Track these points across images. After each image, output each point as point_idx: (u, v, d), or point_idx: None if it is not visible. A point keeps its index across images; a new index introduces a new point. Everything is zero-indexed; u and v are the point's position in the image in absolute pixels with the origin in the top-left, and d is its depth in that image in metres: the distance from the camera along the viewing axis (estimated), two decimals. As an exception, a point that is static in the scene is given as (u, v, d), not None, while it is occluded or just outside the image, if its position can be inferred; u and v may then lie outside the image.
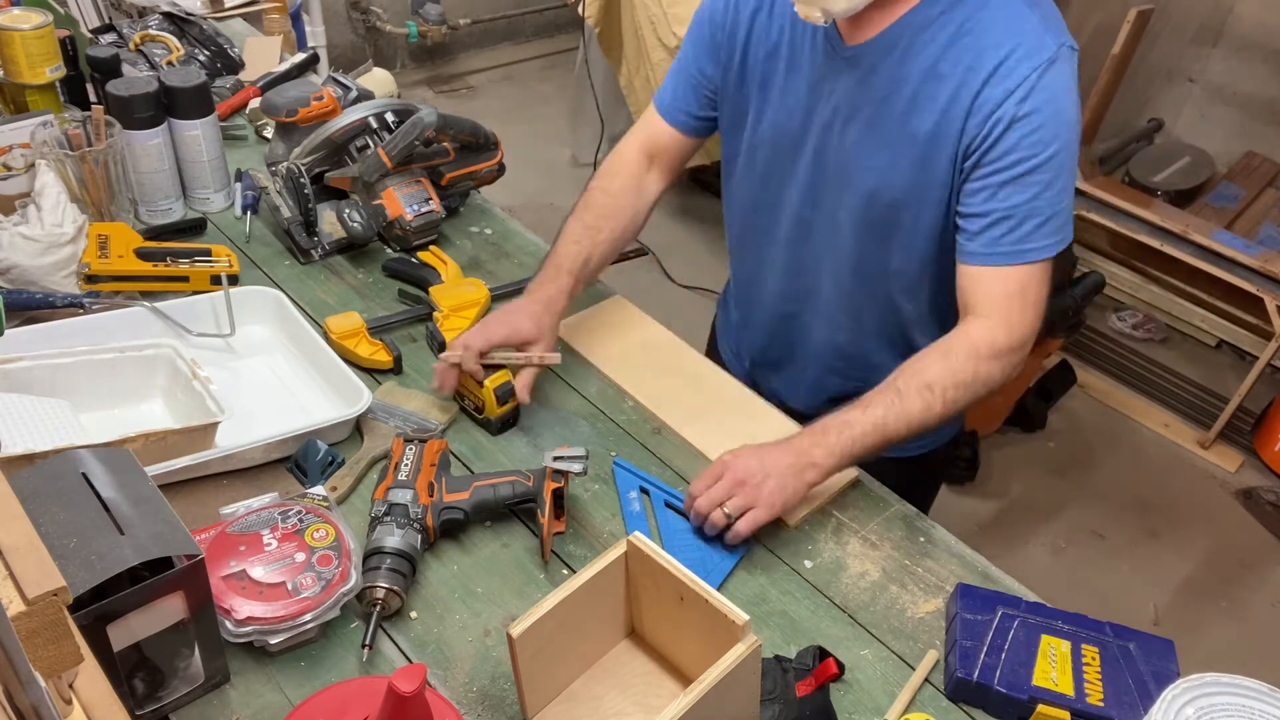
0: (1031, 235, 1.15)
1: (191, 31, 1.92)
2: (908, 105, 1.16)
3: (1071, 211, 1.18)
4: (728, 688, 0.87)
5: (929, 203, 1.20)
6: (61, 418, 1.13)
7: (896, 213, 1.23)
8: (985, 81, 1.11)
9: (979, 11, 1.13)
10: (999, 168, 1.13)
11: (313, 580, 0.98)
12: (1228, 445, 2.91)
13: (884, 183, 1.21)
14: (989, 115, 1.12)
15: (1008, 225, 1.14)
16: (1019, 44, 1.11)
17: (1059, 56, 1.11)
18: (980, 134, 1.13)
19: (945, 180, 1.18)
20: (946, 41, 1.14)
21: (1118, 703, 0.98)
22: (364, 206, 1.52)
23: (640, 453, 1.29)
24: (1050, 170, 1.12)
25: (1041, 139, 1.11)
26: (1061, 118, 1.11)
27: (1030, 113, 1.10)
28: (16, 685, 0.55)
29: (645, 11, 3.08)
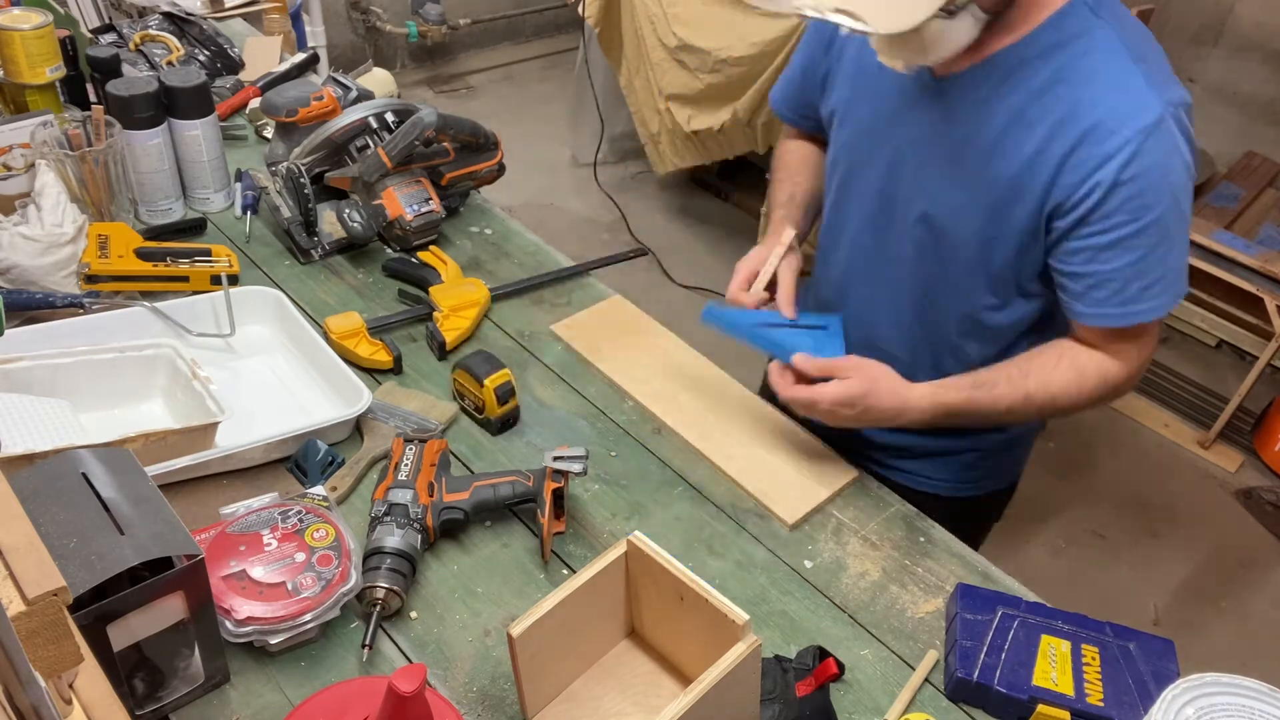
0: (1137, 297, 1.10)
1: (191, 31, 1.92)
2: (990, 148, 1.11)
3: (1184, 268, 1.12)
4: (728, 688, 0.87)
5: (1001, 248, 1.16)
6: (61, 418, 1.13)
7: (966, 254, 1.18)
8: (1080, 140, 1.06)
9: (1079, 59, 1.06)
10: (1099, 230, 1.08)
11: (313, 580, 0.98)
12: (1228, 445, 2.91)
13: (956, 222, 1.17)
14: (1086, 177, 1.06)
15: (1111, 288, 1.10)
16: (1120, 104, 1.04)
17: (1165, 117, 1.04)
18: (1076, 195, 1.07)
19: (1025, 229, 1.13)
20: (1039, 88, 1.08)
21: (1118, 703, 0.98)
22: (364, 206, 1.52)
23: (640, 452, 1.29)
24: (1154, 234, 1.07)
25: (1144, 204, 1.06)
26: (1166, 181, 1.05)
27: (1132, 178, 1.04)
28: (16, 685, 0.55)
29: (645, 11, 3.08)
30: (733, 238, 3.53)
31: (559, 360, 1.42)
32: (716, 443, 1.30)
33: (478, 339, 1.44)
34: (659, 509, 1.21)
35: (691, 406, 1.35)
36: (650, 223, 3.59)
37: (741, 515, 1.22)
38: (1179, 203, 1.08)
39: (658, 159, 3.33)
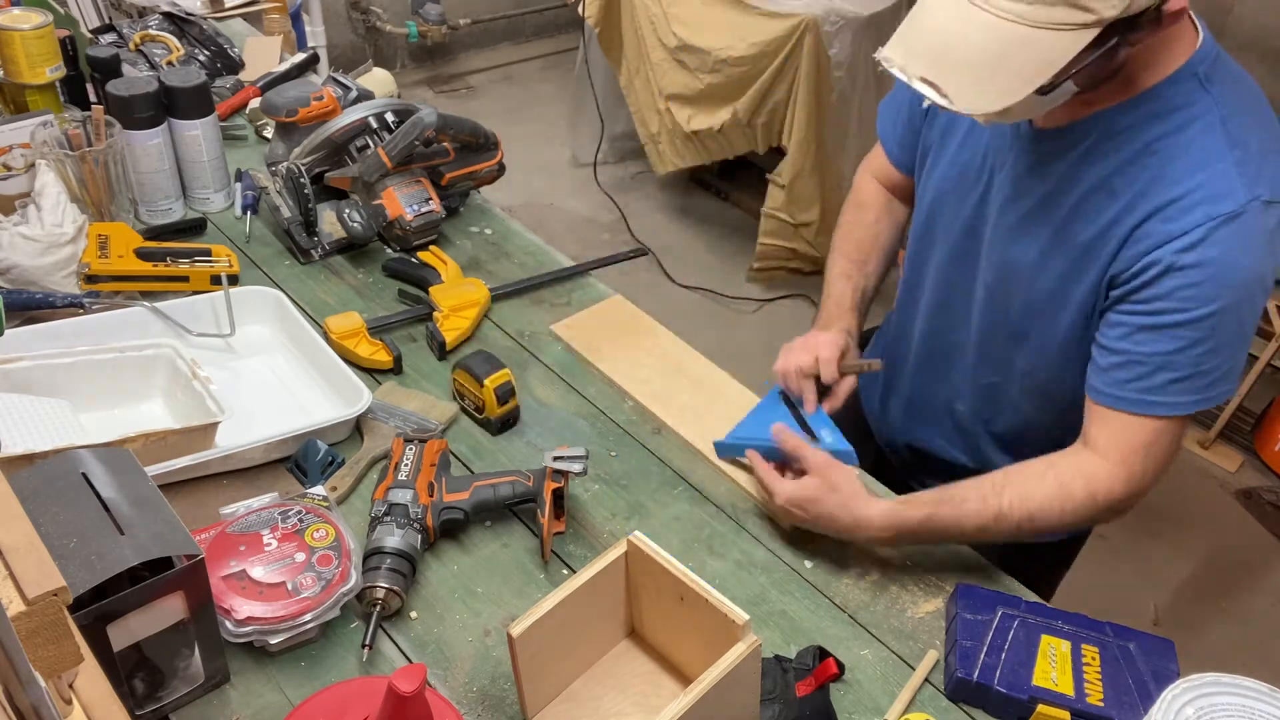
0: (1163, 389, 1.03)
1: (191, 31, 1.92)
2: (1073, 210, 1.07)
3: (1229, 374, 1.03)
4: (728, 688, 0.87)
5: (1068, 310, 1.11)
6: (61, 418, 1.13)
7: (1034, 310, 1.15)
8: (1151, 214, 1.00)
9: (1174, 134, 1.00)
10: (1142, 310, 1.02)
11: (313, 580, 0.98)
12: (1228, 445, 2.91)
13: (1028, 277, 1.13)
14: (1145, 252, 1.00)
15: (1137, 370, 1.04)
16: (1202, 185, 0.98)
17: (1247, 210, 0.97)
18: (1131, 269, 1.02)
19: (1087, 297, 1.09)
20: (1130, 156, 1.03)
21: (1118, 703, 0.98)
22: (364, 206, 1.52)
23: (640, 453, 1.29)
24: (1202, 329, 1.00)
25: (1198, 295, 0.99)
26: (1229, 278, 0.98)
27: (1192, 265, 0.98)
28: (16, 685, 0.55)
29: (645, 11, 3.09)
30: (732, 237, 3.53)
31: (559, 360, 1.42)
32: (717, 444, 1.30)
33: (478, 339, 1.44)
34: (659, 509, 1.21)
35: (691, 406, 1.35)
36: (650, 223, 3.59)
37: (741, 515, 1.22)
38: (1240, 307, 1.00)
39: (658, 159, 3.33)
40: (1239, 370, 1.05)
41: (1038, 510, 1.09)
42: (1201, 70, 1.01)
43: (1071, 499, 1.09)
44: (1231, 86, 1.02)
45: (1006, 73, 0.90)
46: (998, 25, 0.89)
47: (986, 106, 0.91)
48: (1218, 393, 1.04)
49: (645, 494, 1.23)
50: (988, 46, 0.90)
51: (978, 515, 1.10)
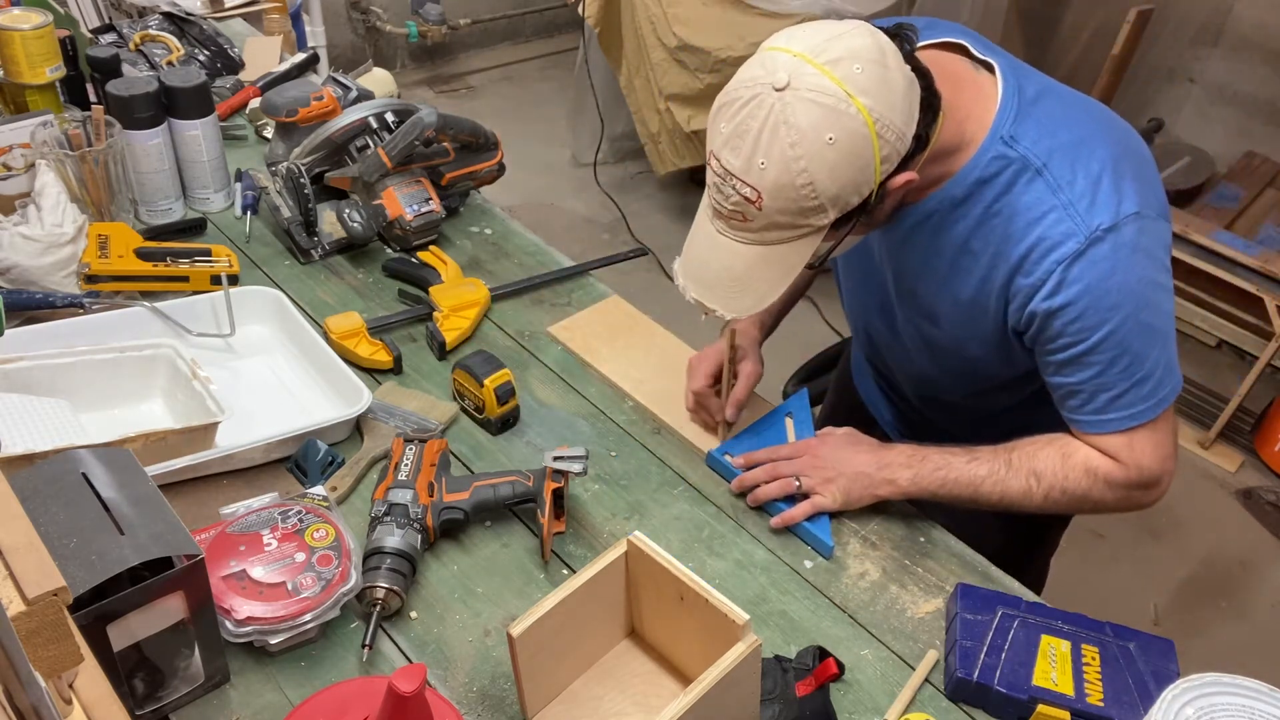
0: (1109, 407, 1.09)
1: (191, 31, 1.92)
2: (946, 274, 1.14)
3: (1163, 375, 1.08)
4: (728, 688, 0.87)
5: (985, 353, 1.18)
6: (61, 418, 1.13)
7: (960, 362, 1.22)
8: (1012, 272, 1.07)
9: (1004, 194, 1.07)
10: (1051, 350, 1.09)
11: (313, 580, 0.98)
12: (1228, 445, 2.91)
13: (939, 334, 1.20)
14: (1022, 307, 1.08)
15: (1081, 398, 1.10)
16: (1041, 237, 1.04)
17: (1092, 240, 1.02)
18: (1022, 322, 1.09)
19: (997, 341, 1.15)
20: (976, 220, 1.09)
21: (1118, 703, 0.98)
22: (364, 206, 1.52)
23: (640, 453, 1.29)
24: (1107, 350, 1.06)
25: (1084, 326, 1.05)
26: (1104, 303, 1.04)
27: (1064, 305, 1.04)
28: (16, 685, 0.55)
29: (645, 11, 3.09)
30: (733, 238, 3.52)
31: (559, 360, 1.42)
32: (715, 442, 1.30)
33: (478, 339, 1.44)
34: (659, 509, 1.21)
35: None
36: (650, 223, 3.59)
37: (741, 515, 1.22)
38: (1136, 316, 1.05)
39: (658, 159, 3.33)
40: (1174, 361, 1.10)
41: (1044, 473, 1.14)
42: (1005, 132, 1.06)
43: (1072, 463, 1.14)
44: (1042, 123, 1.06)
45: (757, 282, 1.05)
46: (739, 250, 1.03)
47: (746, 311, 1.06)
48: (1166, 392, 1.10)
49: (645, 494, 1.23)
50: (734, 267, 1.04)
51: (989, 462, 1.16)
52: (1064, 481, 1.14)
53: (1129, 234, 1.03)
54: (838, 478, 1.19)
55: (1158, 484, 1.14)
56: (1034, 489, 1.14)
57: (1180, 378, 1.11)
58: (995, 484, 1.15)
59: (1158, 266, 1.06)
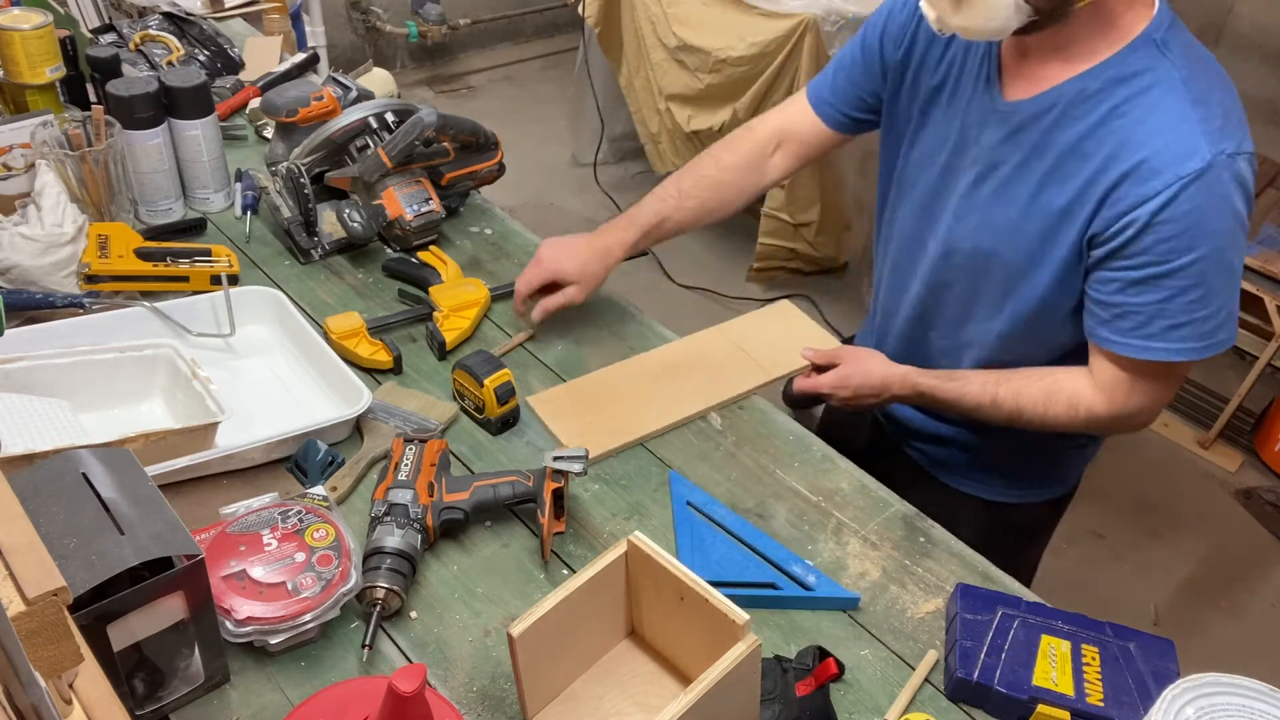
0: (1161, 335, 1.11)
1: (191, 31, 1.92)
2: (1045, 176, 1.14)
3: (1223, 321, 1.11)
4: (728, 688, 0.87)
5: (1042, 275, 1.18)
6: (61, 418, 1.13)
7: (1011, 272, 1.20)
8: (1124, 176, 1.07)
9: (1139, 95, 1.07)
10: (1130, 266, 1.09)
11: (313, 580, 0.98)
12: (1228, 445, 2.91)
13: (1002, 244, 1.19)
14: (1123, 214, 1.07)
15: (1135, 320, 1.12)
16: (1167, 146, 1.04)
17: (1213, 165, 1.03)
18: (1113, 229, 1.09)
19: (1066, 257, 1.15)
20: (1098, 120, 1.09)
21: (1118, 703, 0.98)
22: (364, 206, 1.52)
23: (640, 453, 1.29)
24: (1186, 278, 1.07)
25: (1176, 247, 1.06)
26: (1204, 229, 1.05)
27: (1167, 221, 1.05)
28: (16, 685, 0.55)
29: (645, 11, 3.09)
30: (732, 237, 3.53)
31: (559, 360, 1.42)
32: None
33: (478, 339, 1.44)
34: (659, 509, 1.21)
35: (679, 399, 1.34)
36: (650, 223, 3.59)
37: (741, 514, 1.22)
38: (1223, 253, 1.07)
39: (658, 159, 3.33)
40: (1235, 315, 1.13)
41: (1028, 406, 1.22)
42: (1159, 36, 1.08)
43: (1055, 404, 1.21)
44: (1187, 49, 1.09)
45: None
46: None
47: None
48: (1220, 339, 1.12)
49: (645, 494, 1.23)
50: None
51: (977, 396, 1.25)
52: (1042, 416, 1.22)
53: (1245, 170, 1.05)
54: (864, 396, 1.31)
55: (1126, 423, 1.21)
56: (1014, 421, 1.24)
57: (1235, 333, 1.13)
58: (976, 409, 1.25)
59: (1247, 210, 1.08)
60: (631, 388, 1.36)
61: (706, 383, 1.38)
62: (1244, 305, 3.13)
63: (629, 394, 1.35)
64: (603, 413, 1.31)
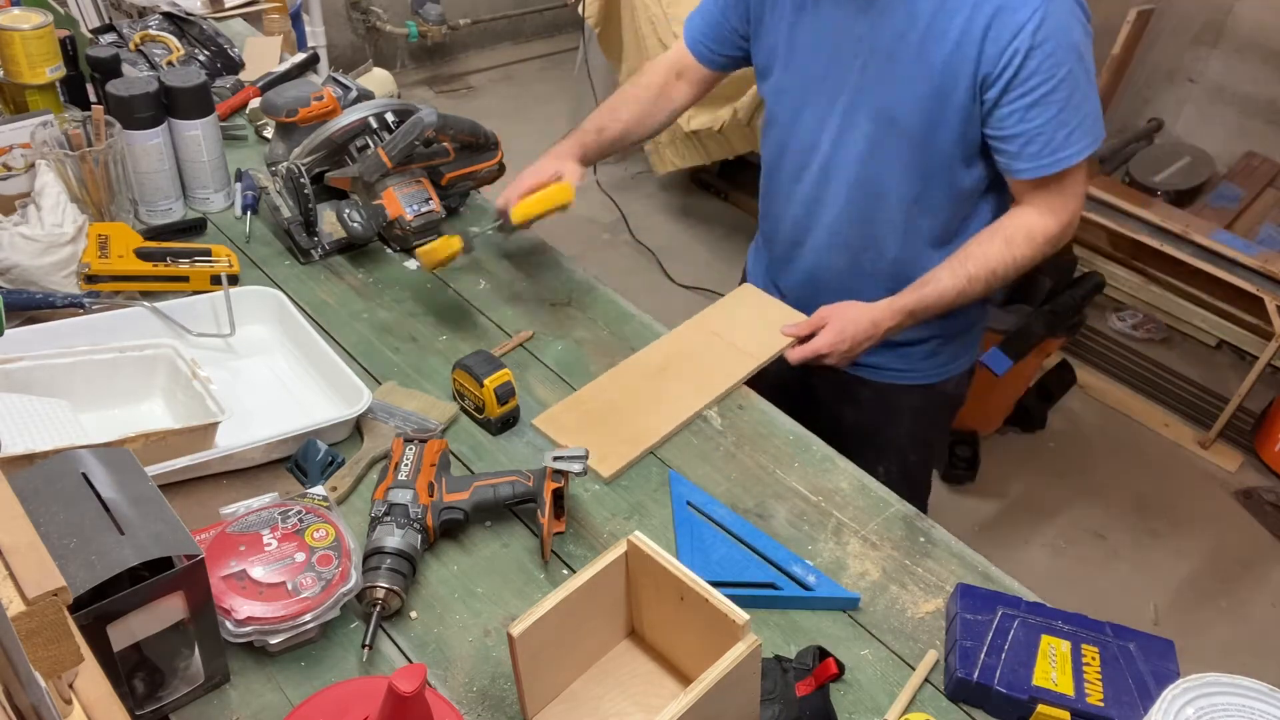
0: (1064, 144, 1.28)
1: (191, 31, 1.92)
2: (922, 38, 1.27)
3: (1098, 113, 1.30)
4: (728, 688, 0.87)
5: (945, 126, 1.31)
6: (61, 418, 1.13)
7: (909, 137, 1.34)
8: (995, 14, 1.22)
9: None
10: (1023, 92, 1.25)
11: (313, 580, 0.98)
12: (1228, 445, 2.91)
13: (902, 110, 1.32)
14: (1005, 46, 1.23)
15: (1041, 141, 1.27)
16: None
17: None
18: (1000, 64, 1.24)
19: (964, 104, 1.29)
20: None
21: (1118, 703, 0.98)
22: (364, 206, 1.52)
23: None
24: (1067, 87, 1.25)
25: (1056, 61, 1.23)
26: (1070, 40, 1.23)
27: (1043, 41, 1.22)
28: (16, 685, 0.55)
29: (645, 12, 3.08)
30: (732, 237, 3.53)
31: (559, 360, 1.42)
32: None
33: (478, 338, 1.43)
34: (659, 509, 1.21)
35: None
36: (650, 223, 3.59)
37: (741, 515, 1.22)
38: (1084, 59, 1.26)
39: (658, 159, 3.33)
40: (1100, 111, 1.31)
41: (997, 264, 1.36)
42: None
43: (1017, 246, 1.36)
44: None
45: None
46: None
47: None
48: (1099, 131, 1.31)
49: (645, 494, 1.23)
50: None
51: (954, 286, 1.37)
52: (1015, 262, 1.36)
53: None
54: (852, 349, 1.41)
55: (1070, 229, 1.37)
56: (991, 283, 1.37)
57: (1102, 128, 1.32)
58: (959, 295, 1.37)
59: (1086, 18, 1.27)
60: (630, 395, 1.35)
61: (704, 379, 1.38)
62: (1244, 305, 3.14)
63: (629, 402, 1.34)
64: (608, 424, 1.30)
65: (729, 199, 3.72)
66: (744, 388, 1.40)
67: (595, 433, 1.29)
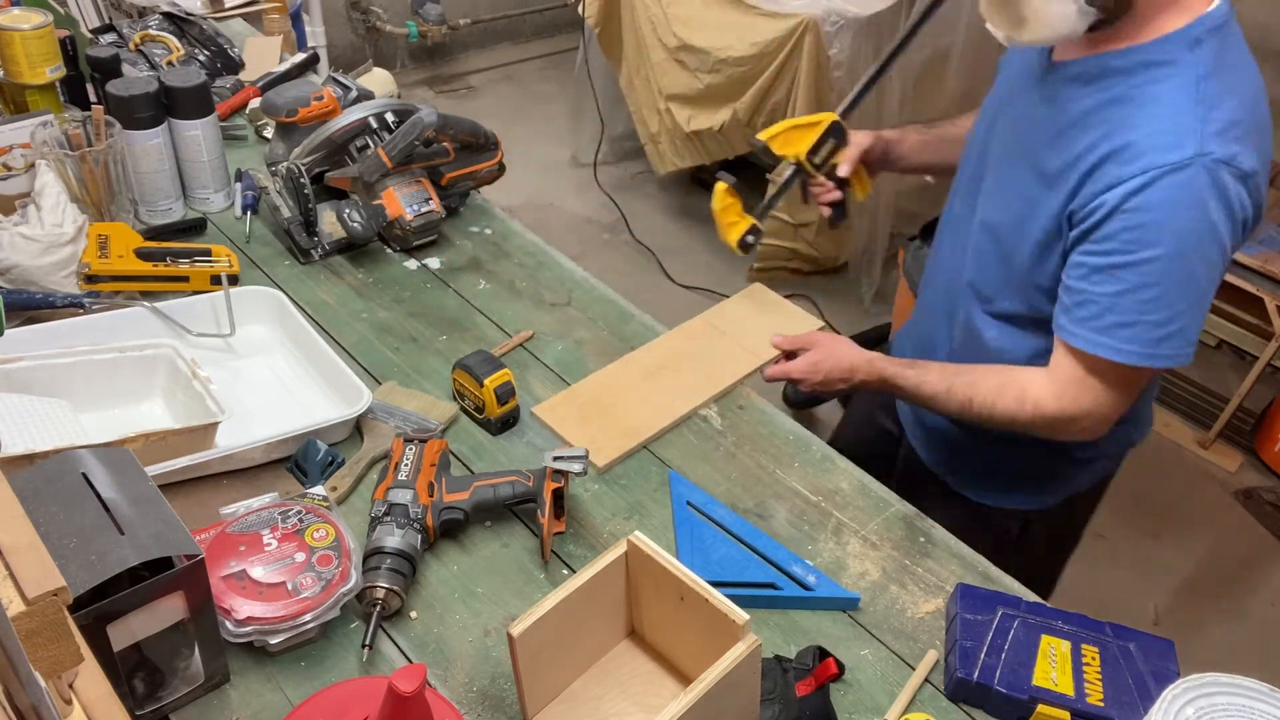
0: (1108, 330, 1.10)
1: (191, 31, 1.92)
2: (1054, 137, 1.14)
3: (1179, 333, 1.08)
4: (728, 688, 0.87)
5: (1027, 239, 1.17)
6: (61, 418, 1.13)
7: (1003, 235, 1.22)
8: (1109, 155, 1.07)
9: (1152, 83, 1.06)
10: (1095, 251, 1.09)
11: (313, 580, 0.98)
12: (1228, 445, 2.91)
13: (1008, 199, 1.21)
14: (1098, 193, 1.07)
15: (1091, 310, 1.11)
16: (1157, 133, 1.04)
17: (1193, 163, 1.02)
18: (1087, 206, 1.09)
19: (1048, 226, 1.14)
20: (1113, 97, 1.09)
21: (1118, 703, 0.98)
22: (364, 206, 1.52)
23: (640, 453, 1.29)
24: (1143, 274, 1.06)
25: (1139, 239, 1.05)
26: (1171, 226, 1.03)
27: (1136, 208, 1.04)
28: (16, 685, 0.55)
29: (645, 12, 3.09)
30: (733, 238, 3.52)
31: (559, 360, 1.42)
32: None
33: (477, 339, 1.43)
34: (659, 509, 1.21)
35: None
36: (650, 223, 3.59)
37: (741, 515, 1.22)
38: (1186, 258, 1.05)
39: (658, 159, 3.33)
40: (1191, 333, 1.09)
41: (980, 401, 1.23)
42: (1199, 32, 1.06)
43: (1004, 398, 1.21)
44: (1222, 52, 1.07)
45: None
46: None
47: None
48: (1166, 352, 1.09)
49: (645, 494, 1.23)
50: None
51: (934, 385, 1.26)
52: (991, 409, 1.22)
53: (1228, 181, 1.03)
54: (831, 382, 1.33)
55: (1073, 426, 1.18)
56: (965, 412, 1.25)
57: (1189, 355, 1.11)
58: (930, 399, 1.27)
59: (1230, 229, 1.05)
60: (630, 388, 1.36)
61: (703, 375, 1.39)
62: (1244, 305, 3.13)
63: (629, 394, 1.35)
64: (607, 416, 1.31)
65: (729, 199, 3.71)
66: (744, 388, 1.40)
67: (594, 424, 1.29)
